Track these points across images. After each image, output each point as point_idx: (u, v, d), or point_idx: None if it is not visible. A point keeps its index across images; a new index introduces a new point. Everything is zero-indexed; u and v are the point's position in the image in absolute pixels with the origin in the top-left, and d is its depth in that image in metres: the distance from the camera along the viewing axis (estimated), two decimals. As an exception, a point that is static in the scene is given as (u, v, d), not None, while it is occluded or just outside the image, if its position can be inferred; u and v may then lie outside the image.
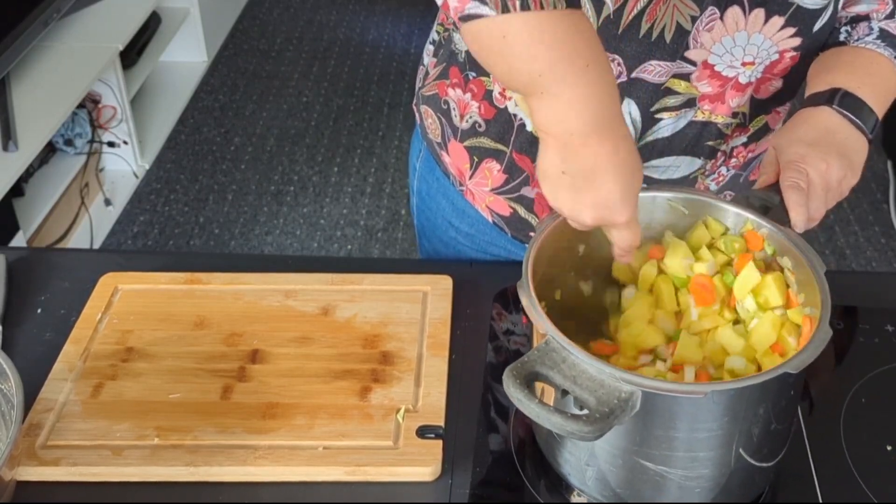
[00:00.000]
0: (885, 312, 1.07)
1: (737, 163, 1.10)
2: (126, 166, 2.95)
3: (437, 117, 1.16)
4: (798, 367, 0.74)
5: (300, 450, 0.90)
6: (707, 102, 1.01)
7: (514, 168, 1.10)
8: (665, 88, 0.99)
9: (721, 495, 0.82)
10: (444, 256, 1.26)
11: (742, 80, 0.99)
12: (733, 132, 1.05)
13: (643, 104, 1.01)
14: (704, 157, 1.06)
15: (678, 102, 1.01)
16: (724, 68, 0.97)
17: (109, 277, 1.11)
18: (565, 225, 0.90)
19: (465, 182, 1.16)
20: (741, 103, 1.02)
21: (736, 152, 1.08)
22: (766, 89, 1.03)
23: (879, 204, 2.96)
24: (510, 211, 1.15)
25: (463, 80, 1.09)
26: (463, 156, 1.14)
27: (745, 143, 1.08)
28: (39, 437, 0.91)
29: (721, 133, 1.04)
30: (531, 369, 0.74)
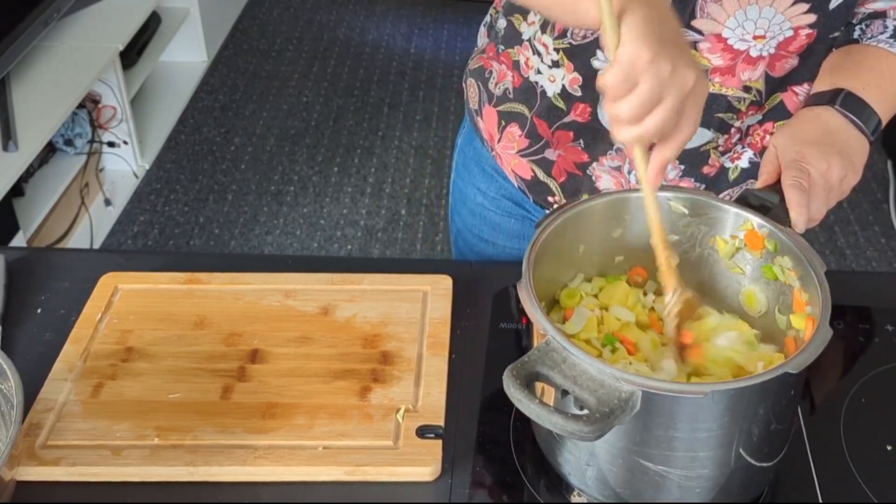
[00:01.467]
0: (885, 312, 1.07)
1: (753, 142, 1.10)
2: (126, 166, 2.95)
3: (478, 86, 1.22)
4: (798, 367, 0.74)
5: (300, 450, 0.90)
6: (718, 75, 1.02)
7: (535, 133, 1.15)
8: None
9: (721, 495, 0.82)
10: (471, 226, 1.30)
11: (753, 54, 1.00)
12: (748, 109, 1.05)
13: None
14: (714, 130, 1.06)
15: None
16: (736, 41, 0.99)
17: (109, 277, 1.11)
18: (565, 225, 0.90)
19: (494, 146, 1.21)
20: (753, 77, 1.02)
21: (752, 130, 1.08)
22: (782, 66, 1.03)
23: (879, 204, 2.96)
24: (531, 174, 1.18)
25: (496, 52, 1.16)
26: (493, 119, 1.19)
27: (761, 122, 1.08)
28: (39, 437, 0.91)
29: (732, 107, 1.05)
30: (531, 369, 0.74)
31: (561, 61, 1.07)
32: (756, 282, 0.92)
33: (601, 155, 1.12)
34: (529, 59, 1.11)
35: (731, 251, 0.93)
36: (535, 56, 1.10)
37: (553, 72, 1.09)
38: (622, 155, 1.10)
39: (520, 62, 1.13)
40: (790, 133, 0.94)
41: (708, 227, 0.93)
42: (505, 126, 1.18)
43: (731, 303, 0.95)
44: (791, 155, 0.91)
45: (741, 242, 0.92)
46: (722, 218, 0.92)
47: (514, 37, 1.13)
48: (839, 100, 0.95)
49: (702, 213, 0.93)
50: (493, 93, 1.18)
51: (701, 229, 0.94)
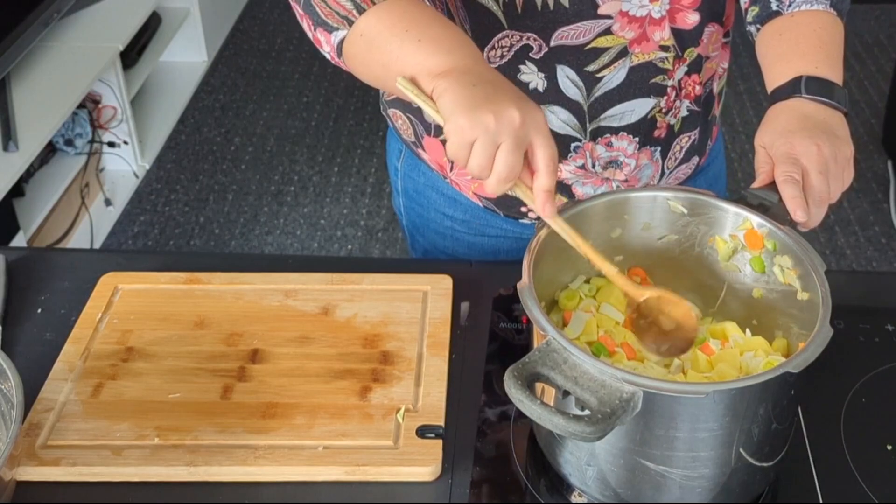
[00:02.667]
0: (885, 312, 1.07)
1: (688, 93, 1.12)
2: (126, 166, 2.95)
3: (407, 117, 1.20)
4: (799, 367, 0.74)
5: (300, 449, 0.90)
6: (636, 45, 1.05)
7: None
8: (592, 49, 1.04)
9: (721, 495, 0.82)
10: (443, 248, 1.27)
11: (655, 15, 1.05)
12: (673, 64, 1.08)
13: (577, 66, 1.05)
14: (655, 96, 1.09)
15: (612, 56, 1.05)
16: (637, 10, 1.03)
17: (109, 277, 1.11)
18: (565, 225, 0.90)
19: (447, 174, 1.20)
20: (664, 36, 1.06)
21: (684, 83, 1.11)
22: (684, 20, 1.07)
23: (879, 204, 2.96)
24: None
25: None
26: (439, 149, 1.18)
27: (688, 73, 1.10)
28: (39, 437, 0.91)
29: (659, 68, 1.08)
30: (532, 370, 0.74)
31: None
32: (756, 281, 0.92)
33: (565, 157, 1.11)
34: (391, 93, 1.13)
35: (729, 253, 0.93)
36: None
37: None
38: (582, 150, 1.11)
39: None
40: (771, 128, 0.94)
41: (707, 227, 0.93)
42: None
43: (731, 303, 0.95)
44: (780, 147, 0.91)
45: (740, 242, 0.92)
46: (721, 217, 0.92)
47: None
48: (802, 87, 0.95)
49: (701, 213, 0.93)
50: (431, 122, 1.16)
51: (700, 229, 0.94)
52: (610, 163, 1.12)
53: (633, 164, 1.13)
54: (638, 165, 1.14)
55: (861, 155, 3.14)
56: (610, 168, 1.13)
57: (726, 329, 0.92)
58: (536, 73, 1.06)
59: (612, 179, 1.14)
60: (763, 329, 0.93)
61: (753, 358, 0.87)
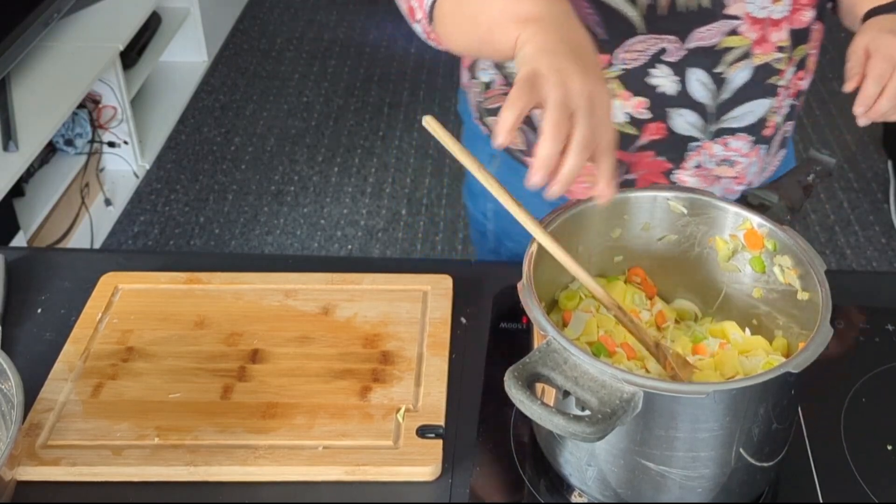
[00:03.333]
0: (885, 312, 1.07)
1: (793, 91, 1.14)
2: (126, 166, 2.95)
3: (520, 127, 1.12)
4: (799, 367, 0.74)
5: (300, 449, 0.90)
6: (757, 47, 1.06)
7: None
8: (722, 48, 1.05)
9: (722, 495, 0.82)
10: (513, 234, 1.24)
11: (776, 17, 1.05)
12: (786, 66, 1.09)
13: (708, 67, 1.06)
14: (770, 96, 1.10)
15: (736, 56, 1.06)
16: (758, 11, 1.04)
17: (109, 277, 1.11)
18: (565, 225, 0.90)
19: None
20: (782, 38, 1.07)
21: (792, 82, 1.12)
22: (800, 20, 1.08)
23: (879, 204, 2.96)
24: None
25: None
26: None
27: (796, 71, 1.12)
28: (39, 437, 0.91)
29: (775, 70, 1.09)
30: (532, 370, 0.74)
31: (614, 91, 1.08)
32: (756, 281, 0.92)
33: (682, 160, 1.12)
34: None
35: (728, 253, 0.93)
36: None
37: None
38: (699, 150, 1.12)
39: None
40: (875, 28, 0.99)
41: (707, 227, 0.93)
42: None
43: (731, 302, 0.95)
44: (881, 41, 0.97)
45: (740, 242, 0.92)
46: (721, 217, 0.92)
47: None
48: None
49: (701, 213, 0.93)
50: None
51: (700, 229, 0.94)
52: (724, 161, 1.13)
53: (745, 162, 1.14)
54: (749, 163, 1.15)
55: (861, 155, 3.14)
56: (723, 166, 1.14)
57: (726, 329, 0.92)
58: (670, 76, 1.05)
59: (723, 177, 1.15)
60: (763, 329, 0.93)
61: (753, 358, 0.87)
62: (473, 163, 0.89)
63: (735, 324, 0.92)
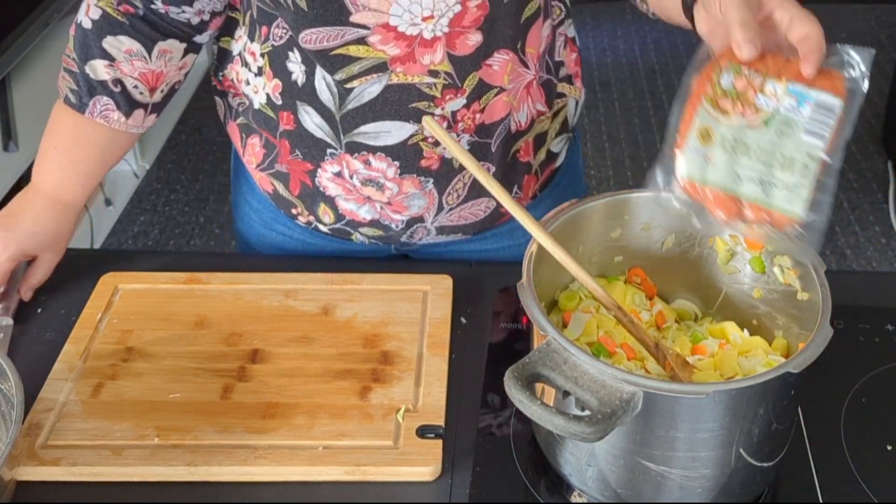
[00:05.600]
0: (885, 312, 1.07)
1: (466, 127, 1.06)
2: (126, 166, 2.95)
3: (223, 101, 1.18)
4: (799, 367, 0.74)
5: (300, 450, 0.90)
6: (399, 64, 1.00)
7: (269, 143, 1.13)
8: (340, 56, 1.00)
9: (722, 495, 0.82)
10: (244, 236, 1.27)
11: (427, 36, 0.98)
12: (444, 93, 1.02)
13: (329, 70, 1.02)
14: (415, 122, 1.04)
15: (365, 67, 1.00)
16: (407, 27, 0.98)
17: (109, 277, 1.11)
18: (565, 225, 0.90)
19: (242, 158, 1.19)
20: (435, 60, 1.00)
21: (460, 116, 1.04)
22: (464, 44, 1.00)
23: (879, 204, 2.96)
24: (272, 188, 1.17)
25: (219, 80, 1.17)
26: (236, 134, 1.17)
27: (467, 105, 1.04)
28: (39, 437, 0.91)
29: (424, 94, 1.02)
30: (532, 370, 0.74)
31: (263, 68, 1.07)
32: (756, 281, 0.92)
33: (321, 161, 1.09)
34: (239, 72, 1.11)
35: (728, 253, 0.93)
36: (244, 68, 1.10)
37: (256, 81, 1.09)
38: (338, 159, 1.07)
39: (233, 79, 1.13)
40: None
41: (707, 227, 0.93)
42: (246, 139, 1.15)
43: (731, 303, 0.95)
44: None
45: (740, 242, 0.92)
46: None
47: (225, 58, 1.13)
48: None
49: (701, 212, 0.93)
50: (232, 106, 1.16)
51: (700, 229, 0.94)
52: (369, 181, 1.08)
53: (395, 188, 1.08)
54: (402, 192, 1.08)
55: (861, 155, 3.15)
56: (369, 186, 1.08)
57: (726, 329, 0.92)
58: (300, 66, 1.03)
59: (374, 200, 1.10)
60: (763, 329, 0.93)
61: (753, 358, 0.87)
62: (473, 163, 0.89)
63: (735, 324, 0.92)
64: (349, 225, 1.13)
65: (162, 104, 1.11)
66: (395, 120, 1.03)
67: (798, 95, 0.79)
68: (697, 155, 0.80)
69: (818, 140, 0.78)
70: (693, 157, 0.80)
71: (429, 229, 1.13)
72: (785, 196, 0.79)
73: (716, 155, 0.80)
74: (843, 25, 3.93)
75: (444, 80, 1.02)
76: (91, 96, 1.05)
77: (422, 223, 1.12)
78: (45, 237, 1.08)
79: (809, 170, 0.78)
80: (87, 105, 1.05)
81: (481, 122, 1.06)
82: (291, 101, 1.06)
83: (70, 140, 1.08)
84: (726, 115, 0.80)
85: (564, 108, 1.17)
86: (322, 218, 1.14)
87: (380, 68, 1.00)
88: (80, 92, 1.05)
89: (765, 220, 0.79)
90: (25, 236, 1.07)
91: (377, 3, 0.95)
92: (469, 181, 1.10)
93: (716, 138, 0.80)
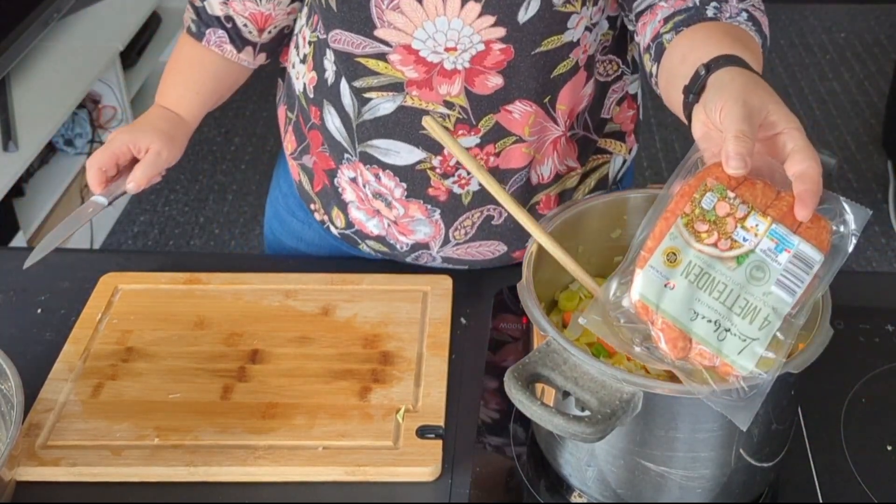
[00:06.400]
0: (885, 312, 1.07)
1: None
2: (126, 166, 2.95)
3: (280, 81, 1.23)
4: (799, 367, 0.74)
5: (300, 450, 0.90)
6: (415, 88, 1.00)
7: (300, 133, 1.15)
8: (361, 65, 1.00)
9: (722, 495, 0.82)
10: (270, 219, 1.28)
11: (447, 67, 0.98)
12: (456, 126, 1.01)
13: (350, 75, 1.02)
14: (424, 149, 1.03)
15: (382, 83, 1.01)
16: (429, 54, 0.97)
17: (109, 277, 1.11)
18: (565, 225, 0.90)
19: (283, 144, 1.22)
20: (452, 92, 0.99)
21: (472, 153, 1.02)
22: (483, 84, 0.99)
23: (879, 204, 2.96)
24: (299, 178, 1.18)
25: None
26: (283, 118, 1.20)
27: (480, 146, 1.02)
28: (39, 437, 0.91)
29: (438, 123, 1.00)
30: (532, 371, 0.74)
31: (307, 57, 1.09)
32: None
33: (341, 163, 1.09)
34: (290, 52, 1.15)
35: None
36: (295, 49, 1.13)
37: (300, 68, 1.11)
38: (353, 165, 1.08)
39: (289, 58, 1.17)
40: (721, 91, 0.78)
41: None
42: (286, 125, 1.19)
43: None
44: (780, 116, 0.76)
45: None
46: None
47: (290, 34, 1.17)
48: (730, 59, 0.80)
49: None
50: (285, 91, 1.20)
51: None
52: (378, 195, 1.08)
53: (401, 210, 1.07)
54: (408, 215, 1.07)
55: (861, 155, 3.15)
56: (378, 200, 1.08)
57: None
58: (332, 63, 1.04)
59: (383, 216, 1.09)
60: (763, 329, 0.92)
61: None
62: (473, 162, 0.89)
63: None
64: (357, 234, 1.13)
65: (271, 45, 1.16)
66: (405, 142, 1.03)
67: (779, 239, 0.73)
68: (659, 277, 0.74)
69: (787, 295, 0.73)
70: (653, 278, 0.74)
71: (434, 257, 1.12)
72: (737, 346, 0.73)
73: (678, 283, 0.74)
74: (843, 25, 3.94)
75: (459, 115, 1.01)
76: (207, 27, 1.11)
77: (427, 250, 1.11)
78: (159, 133, 1.10)
79: (770, 324, 0.73)
80: (204, 34, 1.12)
81: (495, 166, 1.04)
82: (320, 97, 1.07)
83: (188, 65, 1.16)
84: (699, 240, 0.74)
85: (606, 164, 1.14)
86: (335, 221, 1.14)
87: (396, 87, 1.00)
88: (199, 23, 1.12)
89: (709, 366, 0.74)
90: (140, 130, 1.10)
91: (403, 23, 0.95)
92: (479, 221, 1.08)
93: (682, 264, 0.74)
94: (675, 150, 3.23)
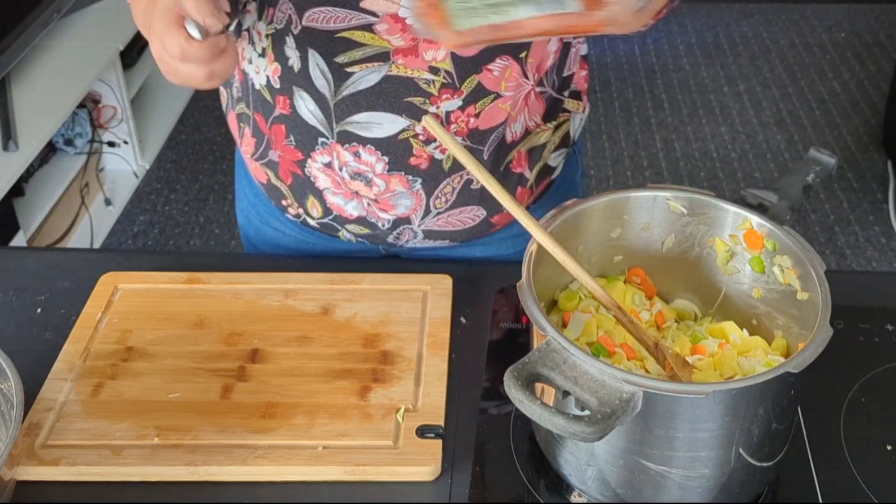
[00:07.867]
0: (885, 312, 1.07)
1: (459, 129, 1.05)
2: (126, 166, 2.96)
3: (226, 90, 1.20)
4: (799, 367, 0.74)
5: (300, 449, 0.90)
6: (401, 56, 1.00)
7: (258, 131, 1.13)
8: (344, 39, 1.00)
9: (721, 495, 0.82)
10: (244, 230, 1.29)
11: None
12: (441, 92, 1.02)
13: (327, 54, 1.01)
14: (408, 117, 1.03)
15: (367, 55, 1.00)
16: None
17: (109, 277, 1.11)
18: (565, 225, 0.90)
19: (240, 149, 1.20)
20: (438, 58, 1.00)
21: (454, 118, 1.04)
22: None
23: (879, 204, 2.96)
24: (266, 177, 1.17)
25: None
26: (234, 124, 1.19)
27: (462, 107, 1.04)
28: (39, 437, 0.91)
29: (421, 90, 1.02)
30: (532, 370, 0.74)
31: (267, 50, 1.07)
32: (756, 281, 0.92)
33: (312, 150, 1.09)
34: (245, 49, 1.11)
35: (728, 253, 0.93)
36: (249, 45, 1.10)
37: (259, 62, 1.09)
38: (329, 149, 1.07)
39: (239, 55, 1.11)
40: None
41: (707, 227, 0.93)
42: (243, 129, 1.16)
43: (730, 302, 0.95)
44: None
45: (740, 242, 0.92)
46: (721, 217, 0.92)
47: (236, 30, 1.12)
48: None
49: (700, 213, 0.93)
50: (234, 95, 1.16)
51: (700, 229, 0.94)
52: (357, 174, 1.08)
53: (382, 185, 1.07)
54: (390, 189, 1.08)
55: (861, 155, 3.15)
56: (357, 181, 1.08)
57: (725, 329, 0.92)
58: (294, 49, 1.03)
59: (362, 196, 1.09)
60: (762, 329, 0.93)
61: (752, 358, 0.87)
62: (473, 162, 0.89)
63: (734, 324, 0.92)
64: (336, 220, 1.14)
65: None
66: (389, 112, 1.03)
67: None
68: None
69: None
70: None
71: (415, 232, 1.13)
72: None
73: None
74: (843, 25, 3.94)
75: (444, 79, 1.02)
76: None
77: (408, 225, 1.12)
78: None
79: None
80: None
81: (475, 127, 1.06)
82: (288, 85, 1.06)
83: None
84: None
85: (567, 122, 1.17)
86: (310, 211, 1.14)
87: (381, 57, 1.01)
88: None
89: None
90: None
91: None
92: (459, 186, 1.10)
93: None
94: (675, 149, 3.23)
